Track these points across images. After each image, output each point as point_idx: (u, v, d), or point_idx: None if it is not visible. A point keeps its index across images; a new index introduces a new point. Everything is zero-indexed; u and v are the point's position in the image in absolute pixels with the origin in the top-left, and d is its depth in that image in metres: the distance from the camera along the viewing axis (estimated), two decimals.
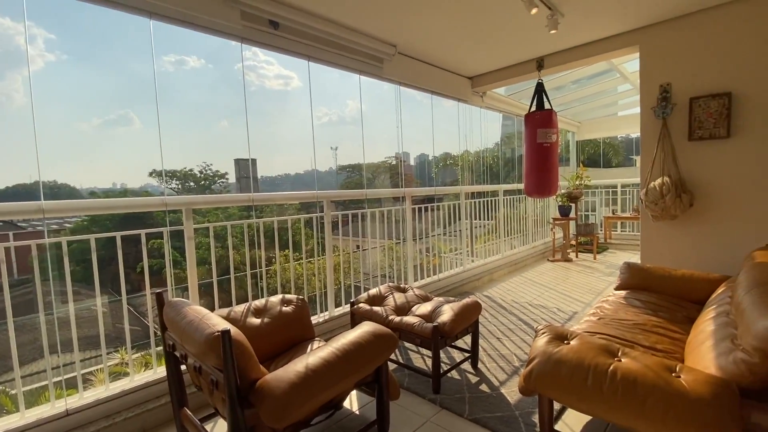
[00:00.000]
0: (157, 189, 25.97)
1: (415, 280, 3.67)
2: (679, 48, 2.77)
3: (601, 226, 6.57)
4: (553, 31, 2.50)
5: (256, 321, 1.90)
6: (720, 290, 2.11)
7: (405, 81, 3.23)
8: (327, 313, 2.85)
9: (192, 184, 27.20)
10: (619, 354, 1.37)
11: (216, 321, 1.35)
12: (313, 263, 3.06)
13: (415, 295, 2.53)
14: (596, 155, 13.63)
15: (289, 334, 1.93)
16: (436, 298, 2.45)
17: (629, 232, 6.64)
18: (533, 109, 3.46)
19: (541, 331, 1.57)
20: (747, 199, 2.58)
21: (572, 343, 1.46)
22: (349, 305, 2.46)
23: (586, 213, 7.02)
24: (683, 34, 2.75)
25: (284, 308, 2.00)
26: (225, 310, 1.93)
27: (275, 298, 2.07)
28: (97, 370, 6.73)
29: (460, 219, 4.36)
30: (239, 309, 1.94)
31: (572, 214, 5.62)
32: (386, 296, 2.50)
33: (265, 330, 1.86)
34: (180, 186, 26.63)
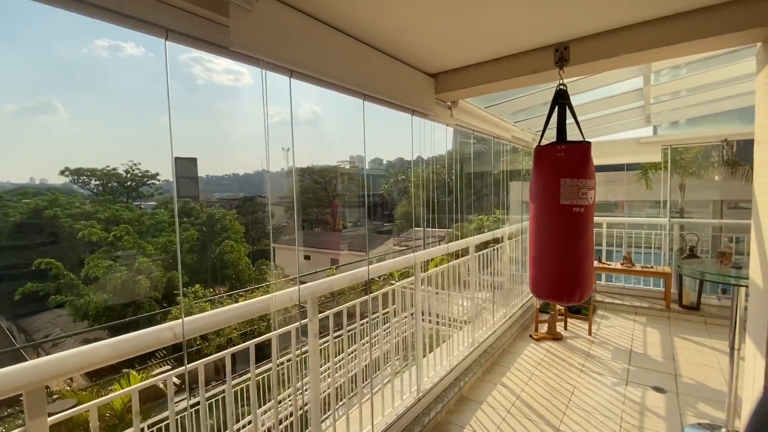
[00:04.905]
0: (78, 187, 22.12)
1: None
2: None
3: None
4: None
5: None
6: None
7: (292, 64, 1.43)
8: None
9: (115, 184, 23.62)
10: None
11: None
12: None
13: None
14: None
15: None
16: None
17: (615, 283, 5.41)
18: (545, 137, 1.88)
19: None
20: None
21: None
22: None
23: None
24: None
25: None
26: None
27: None
28: None
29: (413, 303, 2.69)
30: None
31: None
32: None
33: None
34: (101, 187, 22.97)
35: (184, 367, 1.17)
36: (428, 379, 2.70)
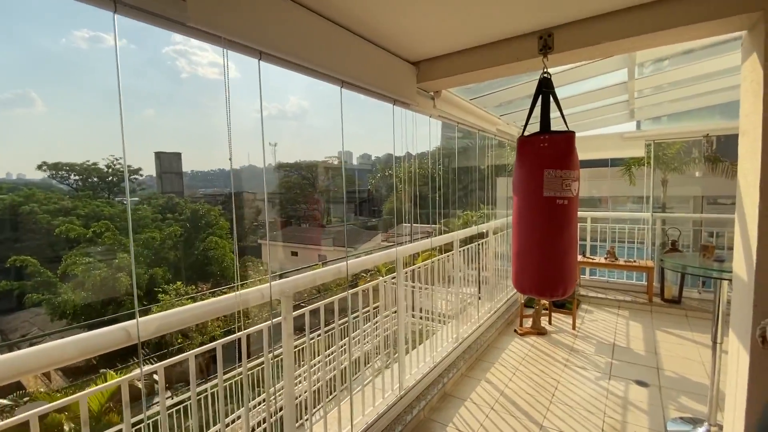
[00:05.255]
0: (57, 183, 21.39)
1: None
2: None
3: None
4: None
5: None
6: None
7: (260, 44, 1.33)
8: None
9: (96, 179, 22.92)
10: None
11: None
12: None
13: None
14: None
15: None
16: None
17: (599, 277, 5.45)
18: (529, 128, 1.83)
19: None
20: None
21: None
22: None
23: None
24: None
25: None
26: None
27: None
28: None
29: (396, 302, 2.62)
30: None
31: None
32: None
33: None
34: (81, 183, 22.27)
35: (140, 371, 1.07)
36: (411, 376, 2.64)
